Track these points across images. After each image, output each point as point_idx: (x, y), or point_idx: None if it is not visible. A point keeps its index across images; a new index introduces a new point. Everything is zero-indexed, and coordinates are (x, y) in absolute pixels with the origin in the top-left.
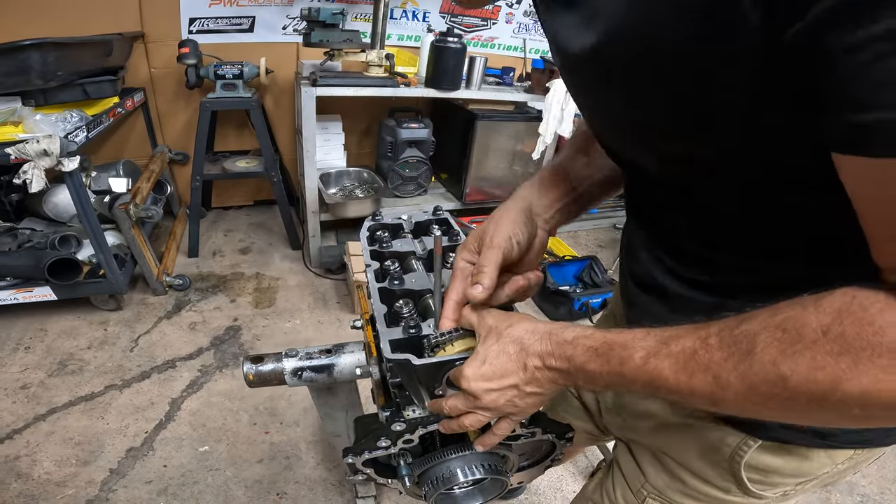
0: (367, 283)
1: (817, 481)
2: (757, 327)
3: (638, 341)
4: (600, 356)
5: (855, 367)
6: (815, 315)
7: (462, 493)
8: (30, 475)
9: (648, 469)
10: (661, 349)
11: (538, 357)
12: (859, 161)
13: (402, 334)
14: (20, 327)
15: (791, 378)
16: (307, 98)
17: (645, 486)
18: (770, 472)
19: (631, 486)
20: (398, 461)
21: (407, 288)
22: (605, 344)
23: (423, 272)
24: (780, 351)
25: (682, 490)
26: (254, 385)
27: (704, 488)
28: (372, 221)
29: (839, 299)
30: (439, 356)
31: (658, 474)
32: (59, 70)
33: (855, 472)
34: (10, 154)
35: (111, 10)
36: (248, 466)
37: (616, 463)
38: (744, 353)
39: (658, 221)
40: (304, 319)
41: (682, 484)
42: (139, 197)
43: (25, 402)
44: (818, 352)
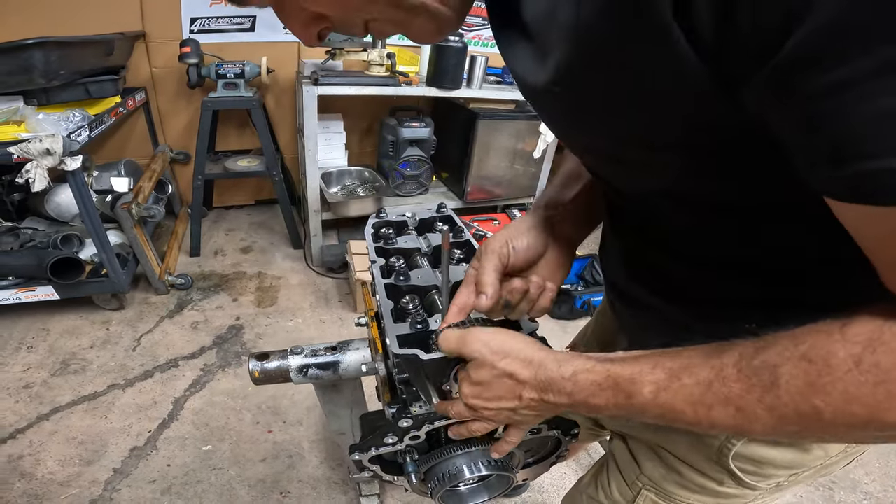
0: (373, 279)
1: (811, 472)
2: (778, 358)
3: (646, 375)
4: (605, 391)
5: (894, 398)
6: (843, 344)
7: (468, 490)
8: (33, 475)
9: (644, 461)
10: (672, 383)
11: (534, 391)
12: (862, 209)
13: (410, 329)
14: (22, 327)
15: (825, 411)
16: (309, 97)
17: (640, 477)
18: (764, 464)
19: (626, 477)
20: (404, 458)
21: (413, 284)
22: (608, 378)
23: (428, 269)
24: (809, 383)
25: (678, 482)
26: (259, 382)
27: (700, 480)
28: (376, 218)
29: (867, 326)
30: None
31: (654, 466)
32: (62, 69)
33: (848, 463)
34: (13, 153)
35: (112, 9)
36: (252, 465)
37: (612, 456)
38: (767, 385)
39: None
40: (307, 318)
41: (678, 475)
42: (141, 196)
43: (28, 401)
44: (851, 384)
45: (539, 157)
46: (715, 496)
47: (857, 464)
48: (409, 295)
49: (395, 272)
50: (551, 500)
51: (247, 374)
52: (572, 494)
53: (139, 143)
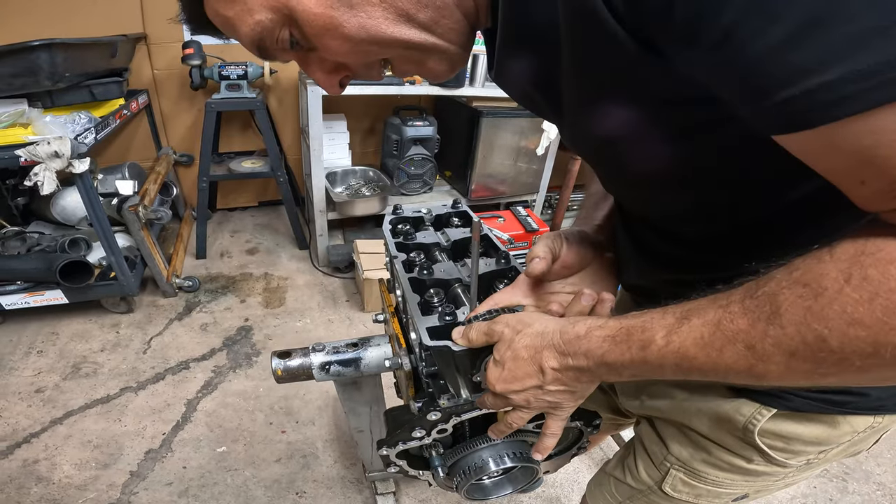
0: (392, 275)
1: (839, 449)
2: (776, 287)
3: (656, 321)
4: (619, 344)
5: (894, 314)
6: (833, 263)
7: (492, 483)
8: (50, 479)
9: (671, 442)
10: (682, 325)
11: (553, 359)
12: (802, 136)
13: (438, 322)
14: (31, 331)
15: (830, 338)
16: (313, 97)
17: (668, 457)
18: (792, 440)
19: (653, 459)
20: (430, 452)
21: (436, 277)
22: (621, 330)
23: (449, 262)
24: (806, 308)
25: (707, 460)
26: (282, 381)
27: (728, 457)
28: (393, 215)
29: (851, 244)
30: None
31: (682, 446)
32: (67, 71)
33: (876, 441)
34: (21, 156)
35: (112, 11)
36: (267, 466)
37: (638, 439)
38: (769, 315)
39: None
40: (315, 318)
41: (706, 454)
42: (147, 198)
43: (41, 405)
44: (847, 303)
45: (542, 154)
46: (745, 474)
47: (869, 455)
48: (434, 288)
49: (418, 266)
50: (566, 494)
51: (258, 375)
52: (598, 478)
53: (142, 146)
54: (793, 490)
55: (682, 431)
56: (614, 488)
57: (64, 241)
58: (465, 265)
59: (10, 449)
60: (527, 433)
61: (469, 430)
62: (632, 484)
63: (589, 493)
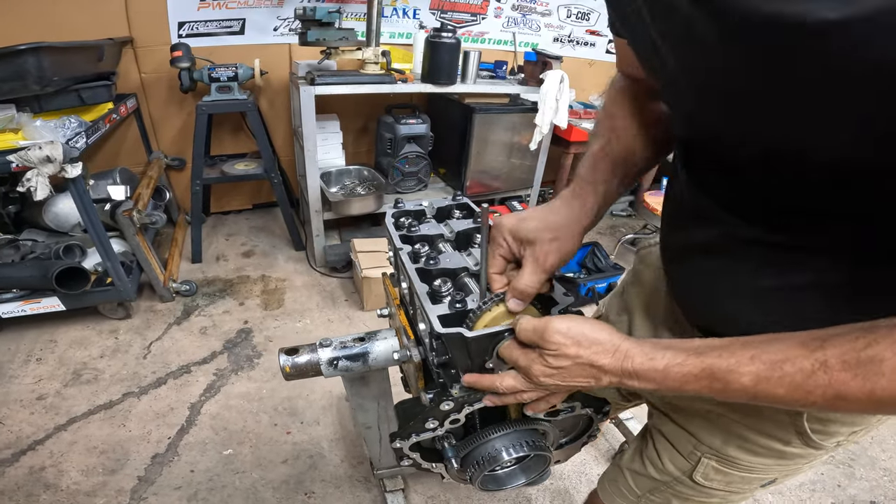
0: (397, 267)
1: (865, 430)
2: (887, 353)
3: (744, 366)
4: (700, 380)
5: None
6: None
7: (505, 474)
8: (58, 486)
9: (700, 431)
10: (774, 374)
11: (615, 376)
12: None
13: (449, 310)
14: (29, 339)
15: None
16: (306, 97)
17: (698, 447)
18: (831, 422)
19: (680, 449)
20: (442, 444)
21: (443, 267)
22: (704, 371)
23: (454, 252)
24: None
25: (741, 446)
26: (291, 378)
27: (765, 441)
28: (395, 209)
29: None
30: (489, 327)
31: (712, 435)
32: (56, 75)
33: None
34: (13, 162)
35: (96, 15)
36: (274, 467)
37: (656, 430)
38: (874, 375)
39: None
40: (314, 319)
41: (741, 440)
42: (141, 203)
43: (43, 412)
44: None
45: (535, 149)
46: (779, 458)
47: (873, 441)
48: (441, 278)
49: (423, 257)
50: (574, 486)
51: (260, 377)
52: (611, 473)
53: (132, 151)
54: (801, 477)
55: (708, 420)
56: (632, 482)
57: (58, 247)
58: (470, 255)
59: (16, 456)
60: (538, 421)
61: (480, 420)
62: (655, 476)
63: (601, 489)
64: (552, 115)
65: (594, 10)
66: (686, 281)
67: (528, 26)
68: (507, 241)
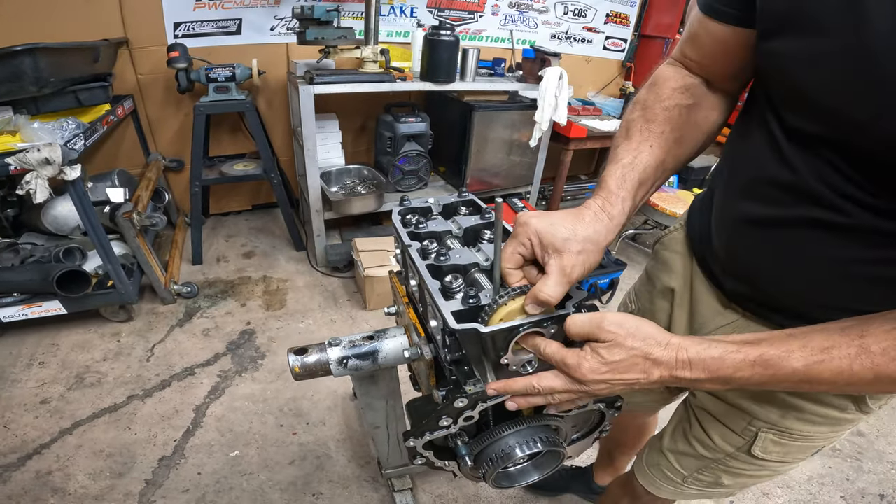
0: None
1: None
2: None
3: (795, 352)
4: (754, 367)
5: None
6: None
7: (518, 471)
8: (66, 490)
9: (753, 406)
10: (824, 359)
11: (668, 369)
12: None
13: (462, 305)
14: (31, 343)
15: None
16: (305, 96)
17: (754, 422)
18: None
19: (732, 426)
20: (455, 442)
21: (454, 263)
22: (760, 358)
23: (464, 248)
24: None
25: (799, 417)
26: (300, 378)
27: (823, 411)
28: (401, 206)
29: None
30: (504, 322)
31: (768, 410)
32: (52, 76)
33: None
34: (11, 164)
35: (91, 16)
36: (281, 469)
37: (700, 410)
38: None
39: None
40: (317, 319)
41: (797, 412)
42: (140, 205)
43: (48, 416)
44: None
45: (535, 146)
46: (834, 424)
47: (879, 434)
48: (452, 274)
49: (434, 253)
50: None
51: (265, 378)
52: (652, 457)
53: (130, 153)
54: (809, 470)
55: (763, 397)
56: (677, 464)
57: (58, 250)
58: (479, 250)
59: (22, 461)
60: (551, 417)
61: (493, 417)
62: (705, 454)
63: (642, 475)
64: (551, 112)
65: (591, 6)
66: (751, 255)
67: (526, 23)
68: (532, 241)
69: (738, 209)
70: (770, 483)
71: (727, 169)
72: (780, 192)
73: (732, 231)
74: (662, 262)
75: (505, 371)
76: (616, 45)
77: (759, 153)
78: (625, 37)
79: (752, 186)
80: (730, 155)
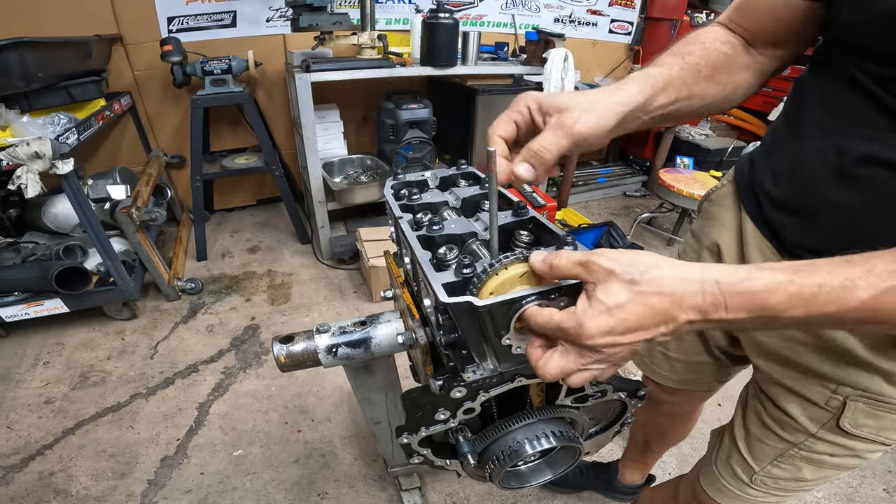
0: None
1: None
2: None
3: (859, 280)
4: (809, 301)
5: None
6: None
7: (529, 469)
8: (68, 491)
9: (835, 372)
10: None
11: (697, 311)
12: None
13: (455, 276)
14: (36, 342)
15: None
16: (302, 85)
17: (839, 389)
18: None
19: (814, 398)
20: (457, 437)
21: (448, 233)
22: (820, 288)
23: (461, 218)
24: None
25: (888, 380)
26: (286, 368)
27: None
28: (395, 180)
29: None
30: (503, 294)
31: (854, 373)
32: (40, 71)
33: None
34: (2, 160)
35: (83, 12)
36: (285, 468)
37: (772, 385)
38: None
39: None
40: (322, 312)
41: (884, 375)
42: (140, 201)
43: (52, 416)
44: None
45: None
46: None
47: None
48: (447, 245)
49: (426, 224)
50: None
51: (269, 375)
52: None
53: (131, 150)
54: None
55: (841, 358)
56: (748, 455)
57: (58, 248)
58: (478, 220)
59: (25, 462)
60: (565, 408)
61: (498, 408)
62: (785, 436)
63: (706, 475)
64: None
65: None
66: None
67: (528, 7)
68: (530, 107)
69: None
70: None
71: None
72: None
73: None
74: (710, 217)
75: (509, 354)
76: (622, 28)
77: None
78: (631, 19)
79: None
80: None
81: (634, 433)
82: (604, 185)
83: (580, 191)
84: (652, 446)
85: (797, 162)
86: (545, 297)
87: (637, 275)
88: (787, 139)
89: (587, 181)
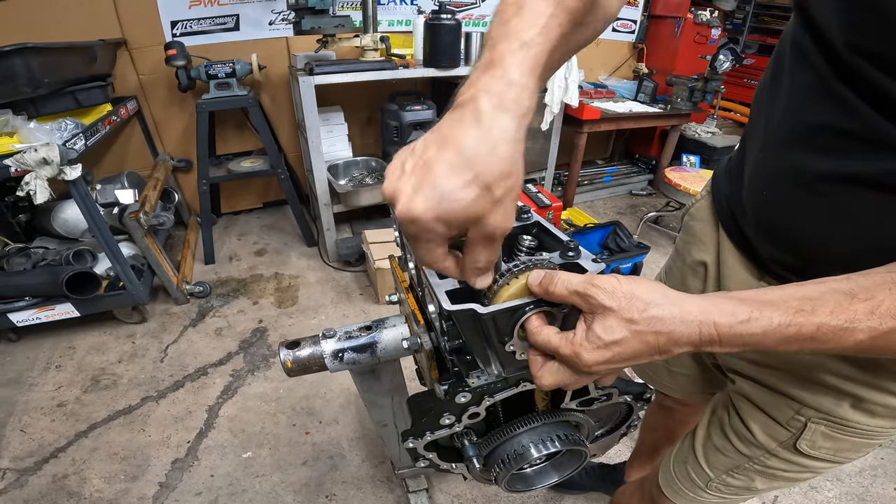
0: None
1: None
2: None
3: (860, 323)
4: (804, 340)
5: None
6: None
7: (534, 472)
8: (81, 494)
9: (803, 392)
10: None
11: (692, 345)
12: None
13: (458, 283)
14: (48, 346)
15: None
16: (306, 88)
17: (802, 411)
18: None
19: (777, 416)
20: (462, 441)
21: None
22: (818, 329)
23: None
24: None
25: (857, 406)
26: (293, 373)
27: (885, 399)
28: None
29: None
30: (508, 301)
31: (820, 396)
32: (46, 77)
33: None
34: (10, 166)
35: (87, 18)
36: (294, 470)
37: (741, 398)
38: None
39: None
40: (329, 314)
41: (855, 399)
42: (148, 205)
43: (64, 419)
44: None
45: (547, 130)
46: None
47: None
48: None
49: None
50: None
51: (277, 377)
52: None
53: (138, 155)
54: (859, 462)
55: (812, 379)
56: (704, 462)
57: (69, 253)
58: None
59: (38, 465)
60: (570, 412)
61: (503, 413)
62: (741, 450)
63: (664, 473)
64: (562, 94)
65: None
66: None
67: None
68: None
69: (782, 163)
70: (820, 476)
71: (763, 121)
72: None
73: (775, 188)
74: (692, 233)
75: (513, 360)
76: (626, 27)
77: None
78: (634, 17)
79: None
80: (767, 104)
81: (643, 436)
82: (609, 184)
83: (586, 190)
84: (660, 450)
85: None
86: (547, 306)
87: (636, 314)
88: (750, 148)
89: (593, 180)
